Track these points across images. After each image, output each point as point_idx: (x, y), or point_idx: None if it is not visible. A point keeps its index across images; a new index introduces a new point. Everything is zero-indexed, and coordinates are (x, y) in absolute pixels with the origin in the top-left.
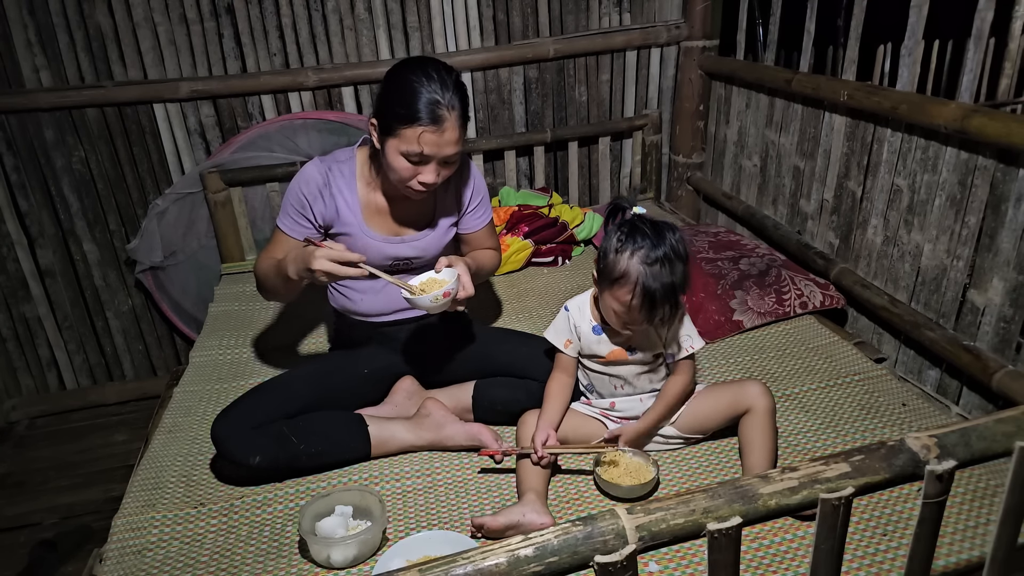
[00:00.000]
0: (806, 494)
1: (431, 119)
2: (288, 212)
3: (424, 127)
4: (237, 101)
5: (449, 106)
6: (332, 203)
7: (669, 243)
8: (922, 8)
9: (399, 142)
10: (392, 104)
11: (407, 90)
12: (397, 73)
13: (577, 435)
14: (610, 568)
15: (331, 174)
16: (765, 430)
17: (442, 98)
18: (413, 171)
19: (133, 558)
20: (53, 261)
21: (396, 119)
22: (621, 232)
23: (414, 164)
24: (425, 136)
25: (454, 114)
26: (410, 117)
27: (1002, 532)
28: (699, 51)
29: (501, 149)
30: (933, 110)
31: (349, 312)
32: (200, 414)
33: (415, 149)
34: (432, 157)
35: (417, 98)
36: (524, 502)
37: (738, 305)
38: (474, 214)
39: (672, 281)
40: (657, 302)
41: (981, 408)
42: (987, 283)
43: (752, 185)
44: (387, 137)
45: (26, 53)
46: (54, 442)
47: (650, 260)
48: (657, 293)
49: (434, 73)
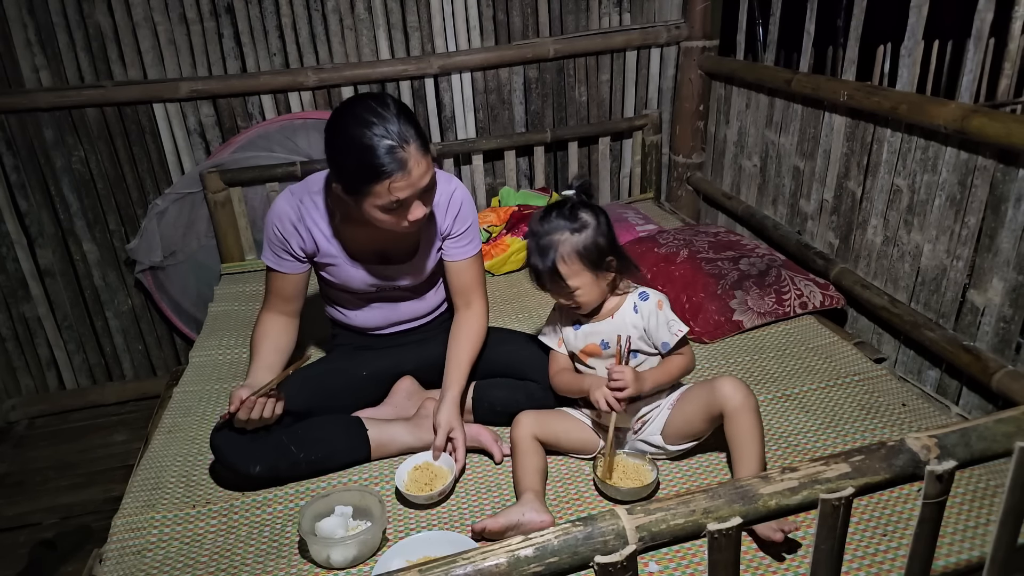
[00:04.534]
0: (806, 494)
1: (395, 166)
2: (270, 248)
3: (391, 179)
4: (237, 101)
5: (404, 142)
6: (309, 236)
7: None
8: (922, 8)
9: (372, 199)
10: (346, 166)
11: (357, 149)
12: (338, 134)
13: (570, 439)
14: (610, 568)
15: (303, 207)
16: (744, 429)
17: (395, 139)
18: (400, 217)
19: (133, 558)
20: (53, 261)
21: (360, 181)
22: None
23: (396, 211)
24: (395, 185)
25: (412, 146)
26: (372, 176)
27: (1002, 532)
28: (699, 51)
29: (501, 149)
30: (933, 110)
31: (344, 326)
32: (200, 414)
33: (390, 199)
34: (411, 197)
35: (372, 153)
36: (523, 502)
37: (738, 305)
38: (457, 241)
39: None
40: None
41: (981, 408)
42: (987, 283)
43: (752, 185)
44: (358, 199)
45: (26, 53)
46: (54, 442)
47: (531, 233)
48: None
49: (373, 117)
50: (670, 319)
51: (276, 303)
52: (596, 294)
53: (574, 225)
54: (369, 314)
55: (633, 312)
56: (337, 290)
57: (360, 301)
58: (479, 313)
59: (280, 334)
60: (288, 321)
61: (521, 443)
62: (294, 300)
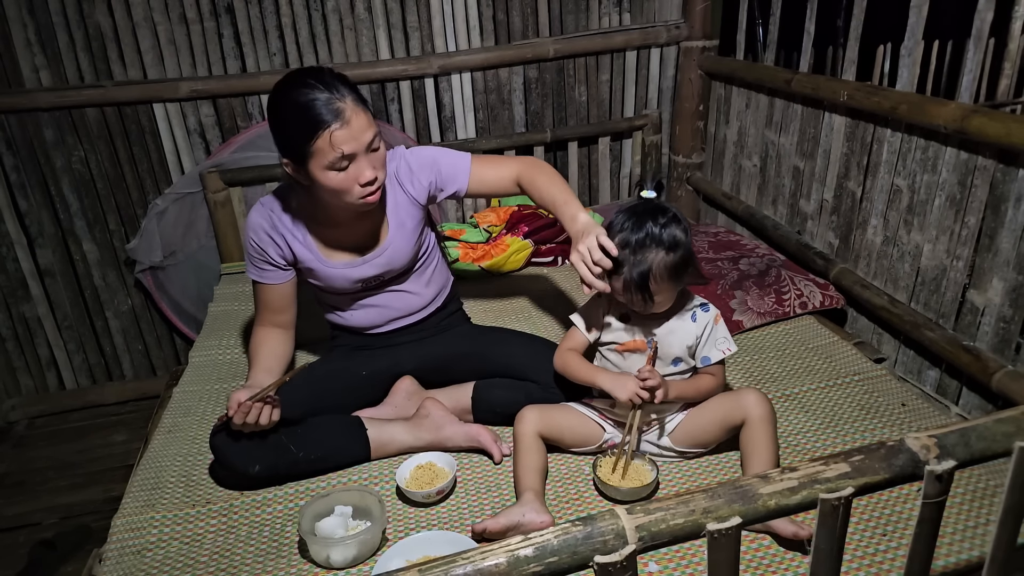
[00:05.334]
0: (806, 494)
1: (332, 116)
2: (252, 262)
3: (330, 128)
4: (237, 101)
5: (339, 96)
6: (285, 243)
7: (648, 231)
8: (922, 8)
9: (318, 159)
10: (288, 132)
11: (294, 108)
12: (274, 103)
13: (574, 435)
14: (610, 568)
15: (274, 215)
16: (762, 439)
17: (330, 93)
18: (350, 180)
19: (133, 558)
20: (53, 261)
21: (301, 140)
22: (623, 211)
23: (345, 171)
24: (336, 135)
25: (349, 99)
26: (312, 129)
27: (1002, 532)
28: (699, 51)
29: (501, 149)
30: (933, 110)
31: (342, 328)
32: (200, 414)
33: (335, 155)
34: (355, 152)
35: (308, 109)
36: (523, 502)
37: (738, 305)
38: (449, 174)
39: (641, 273)
40: (624, 285)
41: (981, 408)
42: (987, 283)
43: (752, 185)
44: (306, 164)
45: (26, 53)
46: (53, 442)
47: (623, 244)
48: (622, 276)
49: (308, 79)
50: (721, 336)
51: (267, 316)
52: (670, 302)
53: (668, 243)
54: (363, 313)
55: (691, 320)
56: (327, 293)
57: (351, 301)
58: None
59: (277, 344)
60: (283, 333)
61: (524, 439)
62: (284, 311)
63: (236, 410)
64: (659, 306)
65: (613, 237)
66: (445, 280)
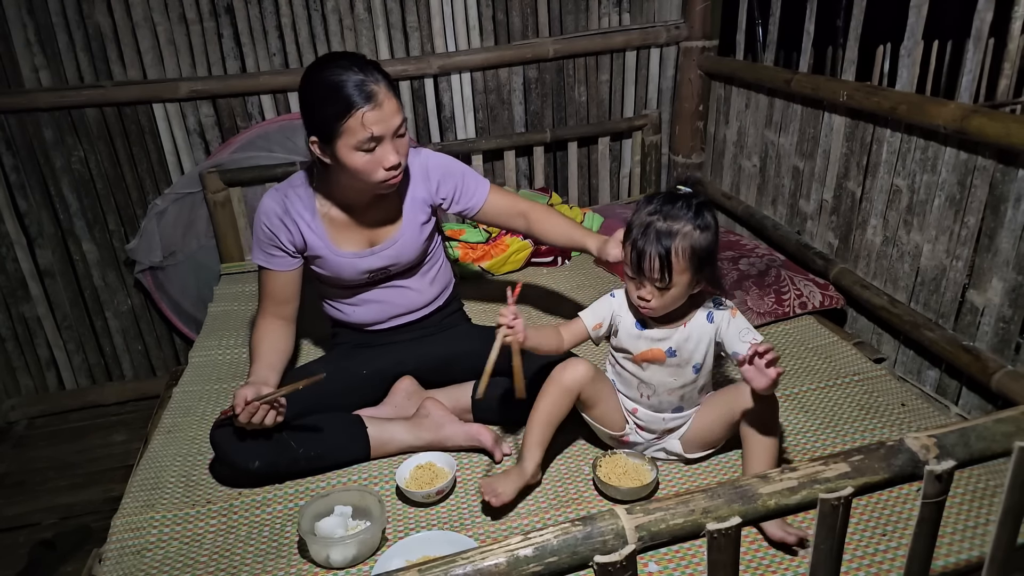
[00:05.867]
0: (805, 494)
1: (365, 98)
2: (260, 247)
3: (362, 109)
4: (236, 101)
5: (374, 80)
6: (296, 229)
7: (679, 211)
8: (922, 8)
9: (347, 138)
10: (321, 109)
11: (327, 87)
12: (309, 81)
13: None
14: (610, 568)
15: (288, 201)
16: (762, 428)
17: (364, 75)
18: (375, 162)
19: (132, 558)
20: (52, 261)
21: (333, 119)
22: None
23: (370, 153)
24: (368, 116)
25: (382, 84)
26: (345, 108)
27: (1001, 532)
28: (699, 51)
29: (501, 149)
30: (932, 110)
31: (343, 324)
32: (199, 414)
33: (364, 135)
34: (383, 136)
35: (341, 88)
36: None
37: (738, 305)
38: (464, 192)
39: (666, 243)
40: (644, 254)
41: (980, 408)
42: (986, 283)
43: (751, 185)
44: (334, 143)
45: (25, 53)
46: (53, 442)
47: (652, 212)
48: (645, 244)
49: (342, 60)
50: (742, 328)
51: (270, 307)
52: (674, 304)
53: (699, 222)
54: (365, 309)
55: (708, 321)
56: (331, 285)
57: (354, 294)
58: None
59: (278, 338)
60: (284, 326)
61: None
62: (289, 302)
63: (243, 409)
64: (668, 298)
65: (645, 211)
66: (448, 281)
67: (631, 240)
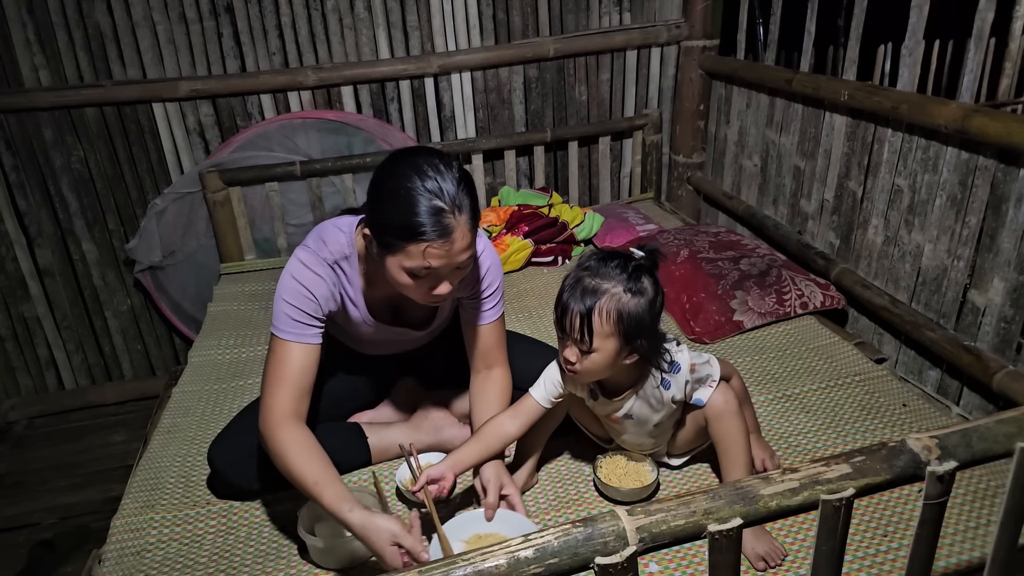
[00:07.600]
0: (807, 495)
1: (438, 232)
2: (295, 319)
3: (429, 242)
4: (236, 100)
5: (456, 209)
6: (340, 301)
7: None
8: (922, 8)
9: (402, 258)
10: (387, 217)
11: (403, 199)
12: (387, 178)
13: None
14: (610, 569)
15: (338, 274)
16: (723, 431)
17: (446, 203)
18: (423, 287)
19: (132, 559)
20: (52, 261)
21: (394, 235)
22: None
23: (421, 278)
24: (431, 251)
25: (463, 217)
26: (411, 232)
27: (1003, 533)
28: (699, 51)
29: (501, 149)
30: (933, 110)
31: (343, 342)
32: (199, 414)
33: (421, 264)
34: (443, 270)
35: (416, 208)
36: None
37: (738, 305)
38: (483, 304)
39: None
40: (567, 310)
41: (982, 409)
42: (988, 283)
43: (752, 185)
44: (386, 251)
45: (25, 52)
46: (53, 442)
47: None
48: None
49: (431, 172)
50: (702, 376)
51: (289, 402)
52: (602, 371)
53: (631, 286)
54: (364, 345)
55: (663, 389)
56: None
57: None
58: (502, 376)
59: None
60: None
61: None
62: (309, 389)
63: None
64: (590, 365)
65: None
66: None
67: (559, 293)
